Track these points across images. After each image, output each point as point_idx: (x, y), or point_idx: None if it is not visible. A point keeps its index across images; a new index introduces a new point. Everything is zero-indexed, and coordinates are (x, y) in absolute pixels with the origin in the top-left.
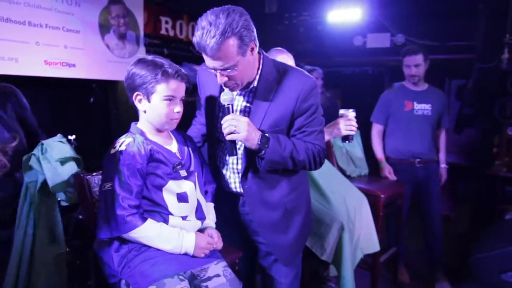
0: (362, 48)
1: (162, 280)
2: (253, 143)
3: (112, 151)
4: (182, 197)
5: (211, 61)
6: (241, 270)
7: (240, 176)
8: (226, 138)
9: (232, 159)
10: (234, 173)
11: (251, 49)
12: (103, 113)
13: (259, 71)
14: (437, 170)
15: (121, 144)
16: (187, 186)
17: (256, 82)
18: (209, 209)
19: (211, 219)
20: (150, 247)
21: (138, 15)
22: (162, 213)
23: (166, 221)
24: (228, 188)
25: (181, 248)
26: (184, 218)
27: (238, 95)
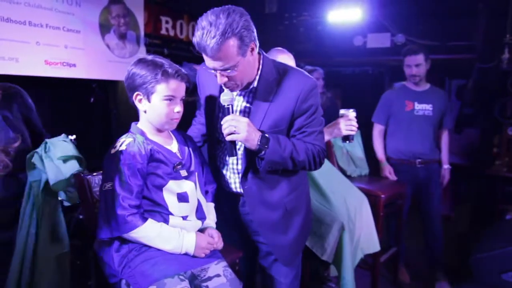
0: (362, 48)
1: (162, 280)
2: (253, 143)
3: (112, 151)
4: (182, 197)
5: (211, 62)
6: (241, 270)
7: (240, 176)
8: (226, 138)
9: (232, 159)
10: (234, 173)
11: (251, 50)
12: (103, 113)
13: (259, 71)
14: (438, 171)
15: (121, 144)
16: (188, 186)
17: (256, 83)
18: (210, 209)
19: (211, 219)
20: (151, 247)
21: (139, 15)
22: (163, 213)
23: (167, 221)
24: (228, 188)
25: (181, 248)
26: (184, 218)
27: (238, 96)
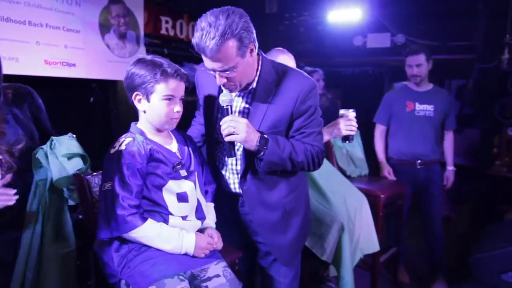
0: (362, 48)
1: (162, 280)
2: (252, 144)
3: (112, 151)
4: (182, 197)
5: (210, 63)
6: (240, 270)
7: (239, 177)
8: (225, 139)
9: (231, 160)
10: (233, 173)
11: (251, 51)
12: (103, 113)
13: (258, 72)
14: (439, 172)
15: (121, 143)
16: (187, 186)
17: (255, 84)
18: (209, 209)
19: (211, 219)
20: (150, 247)
21: (138, 15)
22: (162, 213)
23: (166, 221)
24: (228, 189)
25: (181, 248)
26: (184, 218)
27: (237, 96)
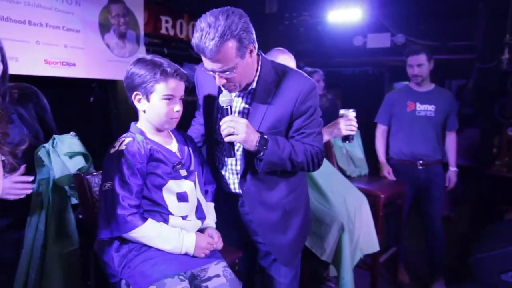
0: (362, 48)
1: (162, 280)
2: (251, 144)
3: (112, 150)
4: (182, 197)
5: (209, 63)
6: (240, 270)
7: (239, 177)
8: (225, 139)
9: (231, 160)
10: (233, 174)
11: (250, 51)
12: (103, 112)
13: (257, 72)
14: (440, 173)
15: (121, 143)
16: (187, 186)
17: (255, 84)
18: (209, 209)
19: (211, 219)
20: (151, 247)
21: (138, 15)
22: (162, 213)
23: (166, 221)
24: (228, 189)
25: (181, 248)
26: (184, 218)
27: (237, 97)
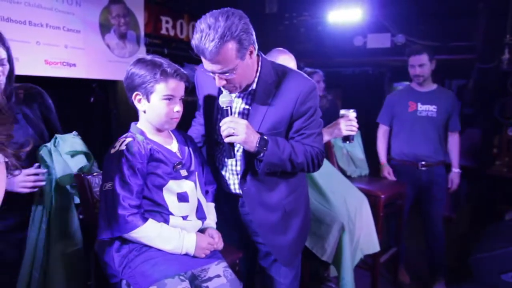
0: (363, 48)
1: (163, 281)
2: (251, 145)
3: (112, 151)
4: (182, 197)
5: (209, 65)
6: (241, 270)
7: (239, 177)
8: (225, 140)
9: (231, 161)
10: (233, 174)
11: (250, 53)
12: (103, 113)
13: (258, 73)
14: (442, 174)
15: (121, 143)
16: (188, 186)
17: (255, 85)
18: (210, 209)
19: (211, 219)
20: (151, 247)
21: (139, 15)
22: (163, 213)
23: (167, 221)
24: (228, 189)
25: (182, 249)
26: (184, 218)
27: (237, 98)
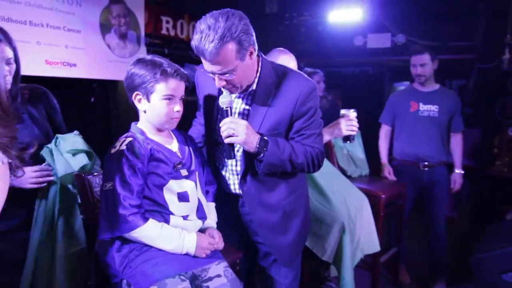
0: (363, 48)
1: (163, 280)
2: (251, 146)
3: (112, 150)
4: (183, 197)
5: (209, 65)
6: (241, 270)
7: (239, 178)
8: (225, 141)
9: (231, 161)
10: (233, 174)
11: (250, 53)
12: (103, 113)
13: (258, 74)
14: (444, 174)
15: (121, 143)
16: (188, 186)
17: (255, 85)
18: (210, 209)
19: (212, 219)
20: (152, 247)
21: (139, 15)
22: (163, 213)
23: (167, 221)
24: (228, 189)
25: (182, 248)
26: (185, 217)
27: (237, 98)
